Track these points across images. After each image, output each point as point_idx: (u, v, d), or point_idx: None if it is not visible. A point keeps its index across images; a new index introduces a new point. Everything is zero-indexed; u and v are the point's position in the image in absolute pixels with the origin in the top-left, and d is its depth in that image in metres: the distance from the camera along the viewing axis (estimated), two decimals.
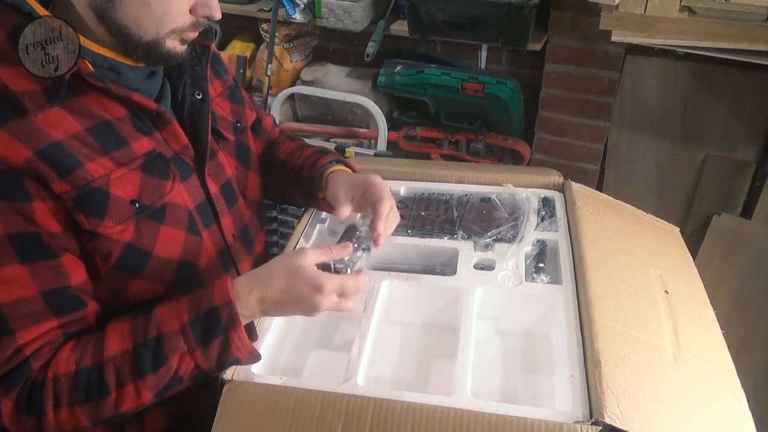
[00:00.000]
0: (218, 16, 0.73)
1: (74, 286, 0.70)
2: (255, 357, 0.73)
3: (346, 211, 0.89)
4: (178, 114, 0.82)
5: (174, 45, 0.73)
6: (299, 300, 0.72)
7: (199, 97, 0.83)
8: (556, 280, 0.89)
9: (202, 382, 0.74)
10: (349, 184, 0.90)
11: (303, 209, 1.10)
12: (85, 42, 0.69)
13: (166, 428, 0.85)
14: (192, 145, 0.81)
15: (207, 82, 0.85)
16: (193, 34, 0.75)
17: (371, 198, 0.87)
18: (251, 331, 0.74)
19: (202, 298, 0.71)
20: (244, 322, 0.71)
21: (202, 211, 0.81)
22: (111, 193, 0.70)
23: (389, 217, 0.86)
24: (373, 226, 0.84)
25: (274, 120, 1.11)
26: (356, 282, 0.74)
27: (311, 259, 0.73)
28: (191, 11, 0.72)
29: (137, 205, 0.72)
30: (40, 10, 0.67)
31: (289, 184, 1.00)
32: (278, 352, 0.85)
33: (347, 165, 0.98)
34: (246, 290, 0.72)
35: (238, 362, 0.73)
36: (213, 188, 0.83)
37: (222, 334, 0.69)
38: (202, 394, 0.81)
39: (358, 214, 0.96)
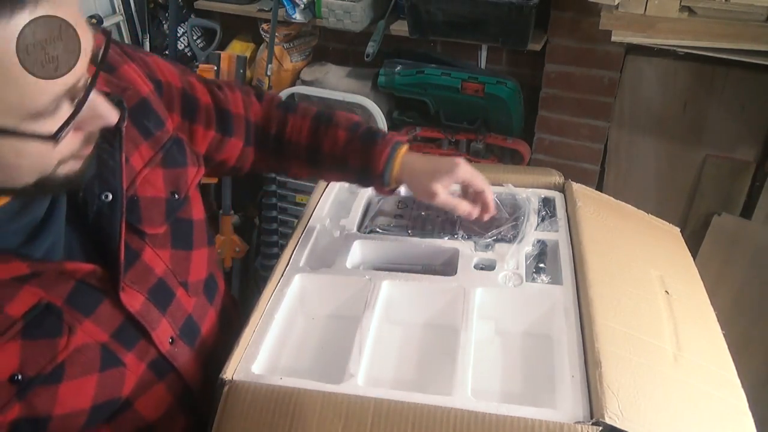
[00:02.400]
0: (115, 120, 0.58)
1: None
2: None
3: (442, 197, 0.87)
4: (82, 222, 0.66)
5: (68, 169, 0.58)
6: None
7: (108, 200, 0.66)
8: (556, 280, 0.89)
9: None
10: (433, 171, 0.87)
11: (303, 209, 1.09)
12: None
13: None
14: (102, 259, 0.66)
15: (121, 173, 0.67)
16: (86, 150, 0.59)
17: (473, 190, 0.91)
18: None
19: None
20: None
21: (121, 337, 0.67)
22: None
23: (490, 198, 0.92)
24: (483, 216, 0.92)
25: (247, 92, 0.93)
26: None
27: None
28: (77, 129, 0.56)
29: (19, 378, 0.58)
30: None
31: (327, 171, 0.94)
32: (278, 352, 0.85)
33: (398, 140, 0.90)
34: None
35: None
36: (135, 304, 0.68)
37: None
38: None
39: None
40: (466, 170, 0.88)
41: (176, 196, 0.75)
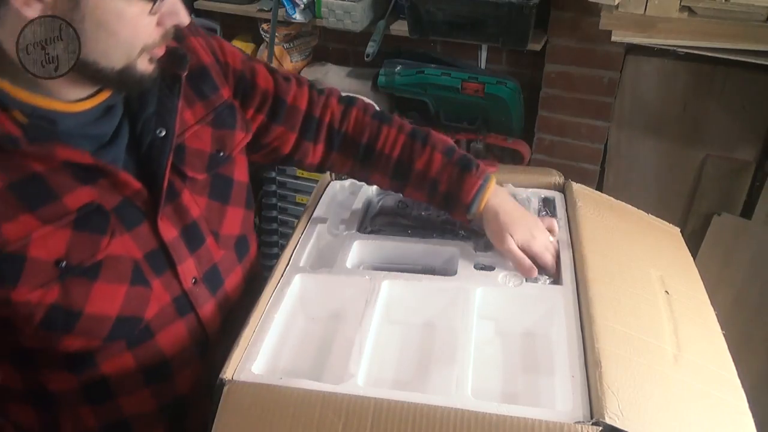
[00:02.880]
0: (187, 21, 0.68)
1: None
2: None
3: (512, 248, 0.90)
4: (137, 151, 0.75)
5: (144, 66, 0.68)
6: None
7: (161, 135, 0.75)
8: (556, 280, 0.89)
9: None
10: (512, 231, 0.90)
11: (303, 209, 1.09)
12: (13, 90, 0.64)
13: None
14: (148, 187, 0.74)
15: (176, 115, 0.76)
16: (160, 51, 0.69)
17: (538, 262, 0.90)
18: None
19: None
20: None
21: (152, 260, 0.75)
22: (29, 257, 0.64)
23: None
24: (527, 262, 0.89)
25: (317, 89, 0.98)
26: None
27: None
28: (158, 23, 0.66)
29: (63, 264, 0.66)
30: None
31: (413, 188, 0.96)
32: (278, 352, 0.85)
33: (488, 175, 0.94)
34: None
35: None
36: (169, 234, 0.76)
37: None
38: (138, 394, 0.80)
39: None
40: (539, 245, 0.90)
41: (221, 153, 0.83)
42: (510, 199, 0.95)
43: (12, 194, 0.63)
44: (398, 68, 1.99)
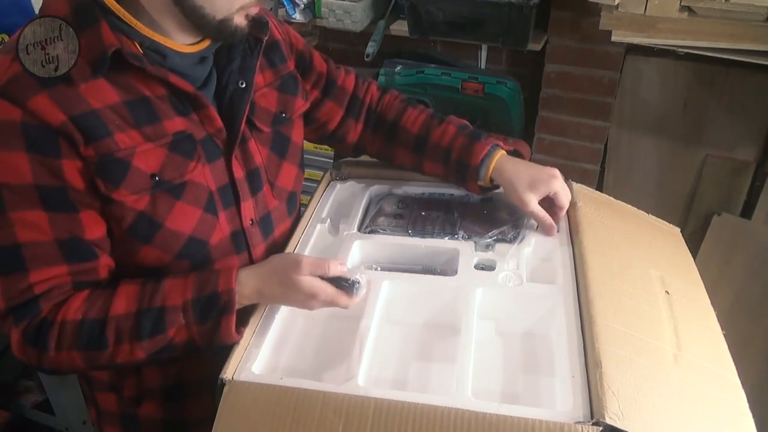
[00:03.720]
0: None
1: (89, 239, 0.76)
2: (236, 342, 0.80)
3: (534, 206, 0.96)
4: (219, 100, 0.86)
5: (240, 21, 0.78)
6: (294, 302, 0.83)
7: (242, 86, 0.87)
8: (556, 280, 0.89)
9: (192, 353, 0.81)
10: (531, 179, 0.96)
11: (303, 209, 1.10)
12: (137, 25, 0.75)
13: (162, 387, 0.93)
14: (226, 130, 0.85)
15: (254, 73, 0.88)
16: (254, 9, 0.79)
17: (556, 202, 0.97)
18: (241, 319, 0.81)
19: (207, 281, 0.79)
20: (240, 305, 0.80)
21: (222, 193, 0.85)
22: (132, 165, 0.75)
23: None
24: (549, 220, 0.97)
25: (360, 75, 1.11)
26: (350, 301, 0.82)
27: (307, 271, 0.79)
28: None
29: (157, 178, 0.77)
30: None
31: (430, 160, 1.05)
32: (278, 352, 0.85)
33: (498, 145, 1.01)
34: (247, 283, 0.80)
35: (223, 343, 0.79)
36: (238, 173, 0.87)
37: (216, 317, 0.78)
38: (197, 360, 0.88)
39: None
40: (560, 184, 0.97)
41: (284, 114, 0.95)
42: (520, 161, 1.00)
43: (127, 110, 0.75)
44: (398, 68, 1.99)
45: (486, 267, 0.93)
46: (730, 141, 1.81)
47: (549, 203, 0.98)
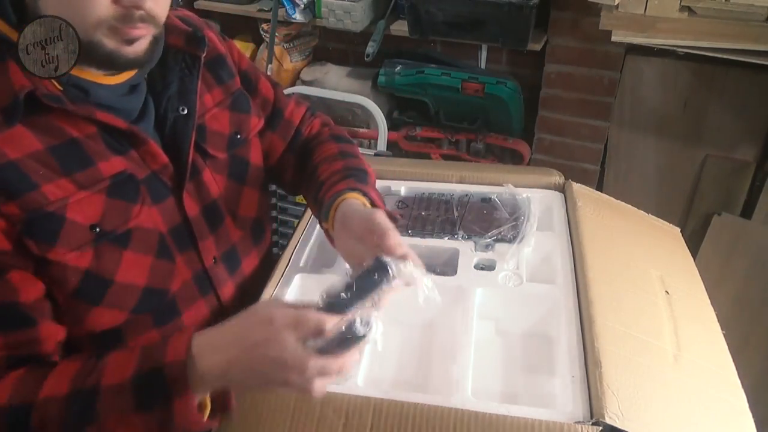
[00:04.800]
0: (148, 4, 0.65)
1: (23, 302, 0.65)
2: None
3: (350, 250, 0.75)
4: (162, 130, 0.77)
5: (115, 44, 0.66)
6: (272, 380, 0.58)
7: (183, 113, 0.78)
8: (556, 280, 0.89)
9: None
10: (355, 227, 0.74)
11: (303, 209, 1.10)
12: None
13: None
14: (173, 164, 0.76)
15: (196, 95, 0.79)
16: (132, 31, 0.66)
17: (378, 234, 0.70)
18: (224, 402, 0.64)
19: (152, 353, 0.61)
20: (199, 390, 0.59)
21: (176, 235, 0.77)
22: (67, 218, 0.66)
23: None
24: (393, 253, 0.68)
25: (305, 107, 1.00)
26: (342, 364, 0.59)
27: (291, 337, 0.57)
28: (116, 2, 0.64)
29: (97, 230, 0.68)
30: (10, 33, 0.64)
31: (309, 196, 0.91)
32: None
33: (364, 191, 0.81)
34: (208, 351, 0.59)
35: None
36: (192, 210, 0.79)
37: (163, 402, 0.58)
38: None
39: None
40: (379, 218, 0.72)
41: (238, 135, 0.87)
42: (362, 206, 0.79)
43: (52, 157, 0.66)
44: (398, 68, 1.99)
45: (486, 267, 0.93)
46: (730, 141, 1.81)
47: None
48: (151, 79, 0.78)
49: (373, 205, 0.81)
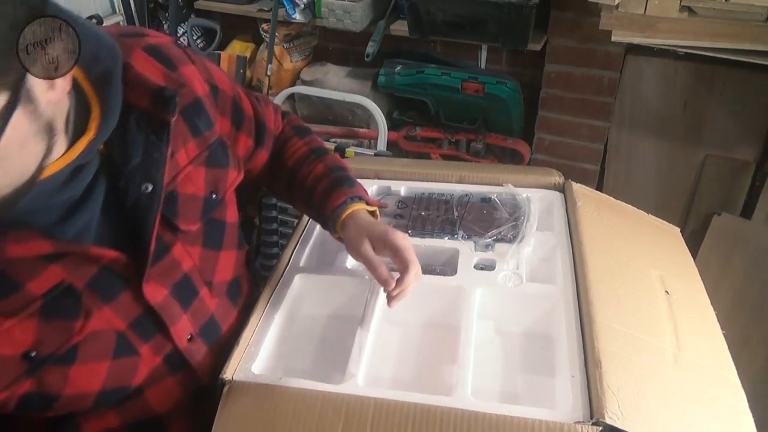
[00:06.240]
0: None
1: None
2: None
3: (367, 252, 0.79)
4: (119, 209, 0.65)
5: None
6: None
7: (147, 191, 0.66)
8: (556, 280, 0.89)
9: None
10: (371, 239, 0.79)
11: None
12: None
13: None
14: (131, 248, 0.65)
15: (165, 166, 0.67)
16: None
17: (398, 262, 0.77)
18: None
19: None
20: None
21: (139, 327, 0.68)
22: None
23: (412, 282, 0.77)
24: (392, 290, 0.76)
25: (276, 109, 0.96)
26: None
27: None
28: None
29: (33, 355, 0.60)
30: None
31: (298, 201, 0.92)
32: (278, 352, 0.85)
33: (361, 197, 0.85)
34: None
35: None
36: (157, 297, 0.68)
37: None
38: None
39: None
40: (398, 238, 0.78)
41: (214, 195, 0.76)
42: (371, 217, 0.84)
43: None
44: (398, 68, 1.99)
45: (486, 267, 0.93)
46: (730, 141, 1.81)
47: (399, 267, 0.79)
48: (108, 147, 0.64)
49: (368, 204, 0.86)
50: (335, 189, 0.85)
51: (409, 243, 0.79)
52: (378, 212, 0.90)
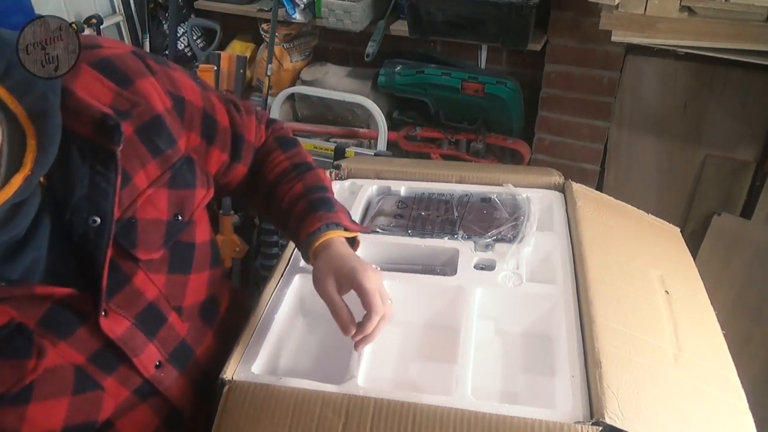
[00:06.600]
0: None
1: None
2: None
3: (331, 293, 0.74)
4: (66, 241, 0.62)
5: None
6: None
7: (95, 224, 0.61)
8: (556, 280, 0.89)
9: None
10: (338, 277, 0.74)
11: None
12: None
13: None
14: (88, 281, 0.62)
15: (114, 197, 0.62)
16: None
17: (364, 305, 0.72)
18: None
19: None
20: None
21: (99, 360, 0.64)
22: None
23: (376, 328, 0.72)
24: (352, 336, 0.72)
25: (261, 118, 0.90)
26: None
27: None
28: None
29: None
30: None
31: (276, 220, 0.87)
32: (278, 352, 0.85)
33: (338, 223, 0.80)
34: None
35: None
36: (117, 330, 0.65)
37: None
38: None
39: None
40: (366, 279, 0.72)
41: (179, 218, 0.71)
42: (347, 250, 0.79)
43: None
44: (398, 68, 1.99)
45: (486, 267, 0.93)
46: (730, 141, 1.81)
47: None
48: (49, 179, 0.60)
49: (347, 230, 0.80)
50: (311, 213, 0.80)
51: (378, 284, 0.73)
52: (359, 238, 0.85)
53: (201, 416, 0.76)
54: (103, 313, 0.63)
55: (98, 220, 0.62)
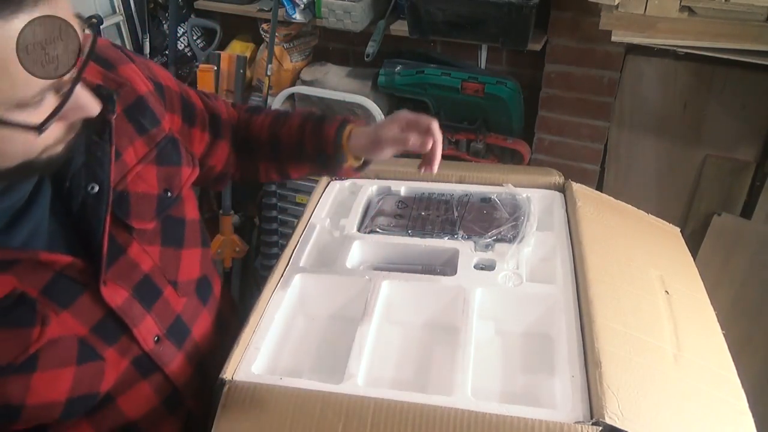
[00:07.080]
0: (96, 112, 0.57)
1: None
2: None
3: (400, 137, 0.81)
4: (67, 212, 0.64)
5: (52, 151, 0.57)
6: None
7: (94, 191, 0.64)
8: (556, 280, 0.89)
9: None
10: (378, 128, 0.84)
11: (303, 209, 1.10)
12: None
13: None
14: (85, 251, 0.64)
15: (110, 165, 0.66)
16: (69, 136, 0.58)
17: (419, 126, 0.80)
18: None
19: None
20: None
21: (101, 331, 0.67)
22: None
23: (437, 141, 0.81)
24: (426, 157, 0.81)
25: (226, 102, 0.96)
26: None
27: None
28: (62, 118, 0.55)
29: None
30: None
31: (292, 161, 0.92)
32: (278, 352, 0.85)
33: (349, 120, 0.88)
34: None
35: None
36: (117, 299, 0.67)
37: None
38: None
39: None
40: (407, 113, 0.82)
41: (169, 193, 0.74)
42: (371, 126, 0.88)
43: None
44: (398, 68, 1.99)
45: (486, 267, 0.93)
46: (730, 141, 1.81)
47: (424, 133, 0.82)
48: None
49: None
50: (323, 123, 0.88)
51: (415, 114, 0.82)
52: None
53: (201, 408, 0.77)
54: (102, 283, 0.65)
55: (96, 187, 0.65)
